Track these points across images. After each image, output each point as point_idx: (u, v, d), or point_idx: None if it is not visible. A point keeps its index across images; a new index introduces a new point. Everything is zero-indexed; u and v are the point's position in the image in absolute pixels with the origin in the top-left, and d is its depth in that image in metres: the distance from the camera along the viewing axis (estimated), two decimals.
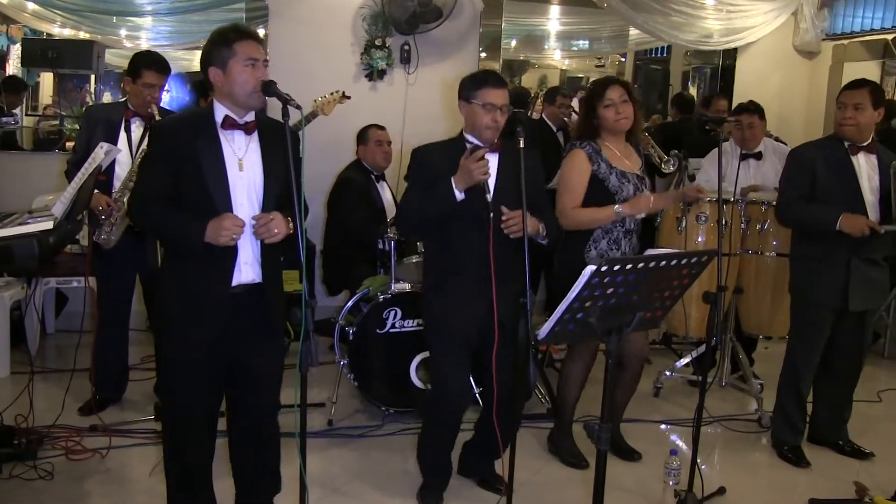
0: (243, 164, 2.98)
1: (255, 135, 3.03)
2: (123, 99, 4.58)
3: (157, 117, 4.24)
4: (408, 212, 3.65)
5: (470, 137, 3.59)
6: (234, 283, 3.01)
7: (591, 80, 9.19)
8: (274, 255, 3.09)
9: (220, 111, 2.98)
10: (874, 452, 4.48)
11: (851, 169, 4.17)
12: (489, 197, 3.44)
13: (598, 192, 3.96)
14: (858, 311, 4.26)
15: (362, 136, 5.64)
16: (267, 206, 3.01)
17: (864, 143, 4.19)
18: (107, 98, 7.47)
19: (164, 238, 3.13)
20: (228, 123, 2.96)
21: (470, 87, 3.56)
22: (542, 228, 3.59)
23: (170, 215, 2.97)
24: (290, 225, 2.95)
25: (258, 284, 3.07)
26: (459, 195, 3.43)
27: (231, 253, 2.97)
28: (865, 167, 4.20)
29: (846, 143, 4.19)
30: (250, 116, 3.02)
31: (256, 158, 3.02)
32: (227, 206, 2.94)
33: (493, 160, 3.54)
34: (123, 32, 7.05)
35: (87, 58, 6.76)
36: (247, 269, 3.03)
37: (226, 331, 3.03)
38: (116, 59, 7.42)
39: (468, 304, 3.57)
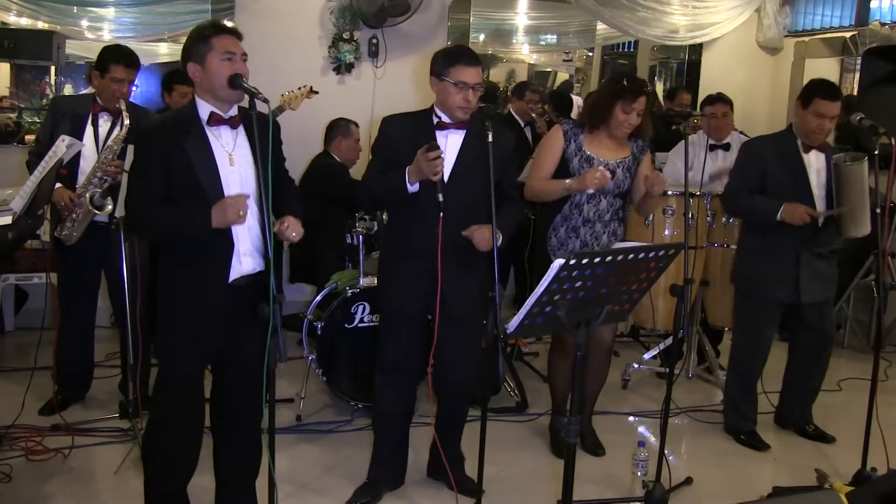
0: (234, 158, 3.01)
1: (241, 128, 3.04)
2: (91, 92, 4.51)
3: (125, 112, 4.19)
4: (365, 191, 3.62)
5: (441, 114, 3.53)
6: (235, 276, 3.04)
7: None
8: (275, 241, 3.07)
9: (205, 108, 3.00)
10: (835, 437, 4.59)
11: (802, 165, 4.26)
12: (440, 197, 3.34)
13: (562, 173, 3.98)
14: (813, 302, 4.35)
15: (344, 129, 5.62)
16: (258, 197, 3.02)
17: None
18: (68, 90, 7.34)
19: (167, 235, 3.11)
20: (215, 119, 2.99)
21: (443, 63, 3.47)
22: (500, 239, 3.43)
23: (171, 211, 2.99)
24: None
25: (260, 273, 3.09)
26: (412, 188, 3.40)
27: (228, 246, 2.99)
28: (815, 164, 4.29)
29: (800, 141, 4.27)
30: (234, 111, 3.03)
31: (245, 152, 3.04)
32: None
33: (458, 138, 3.51)
34: (85, 23, 6.91)
35: (46, 48, 6.64)
36: (247, 261, 3.06)
37: (224, 322, 3.05)
38: (78, 50, 7.30)
39: (411, 287, 3.55)
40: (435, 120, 3.53)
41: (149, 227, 3.23)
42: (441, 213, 3.38)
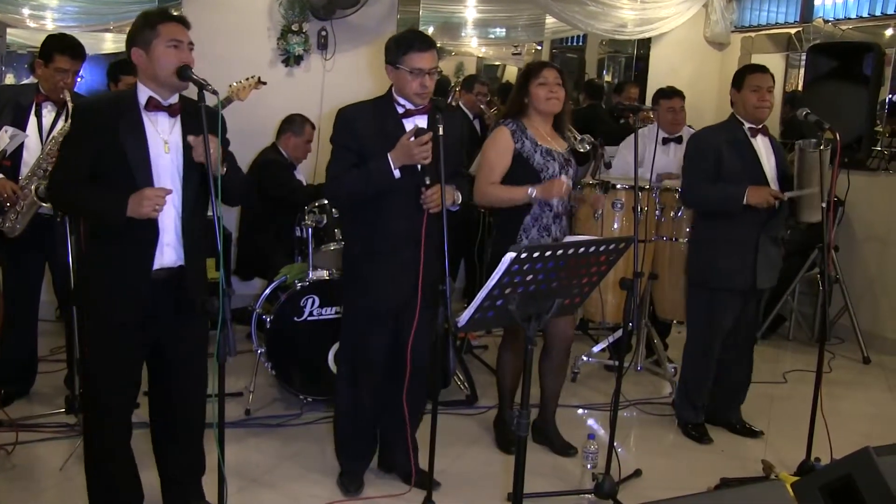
0: (169, 145, 2.99)
1: (179, 117, 3.02)
2: (34, 81, 4.41)
3: (70, 104, 4.10)
4: (339, 186, 3.53)
5: (400, 100, 3.52)
6: (157, 265, 3.00)
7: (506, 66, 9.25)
8: (195, 238, 3.07)
9: (144, 93, 2.97)
10: (763, 431, 4.66)
11: (752, 150, 4.31)
12: (427, 180, 3.38)
13: (523, 171, 3.93)
14: (761, 289, 4.41)
15: (298, 127, 5.59)
16: (186, 189, 3.00)
17: (761, 126, 4.35)
18: (9, 80, 7.18)
19: (85, 216, 3.10)
20: (153, 105, 2.96)
21: (396, 51, 3.45)
22: (458, 197, 3.55)
23: (91, 192, 2.96)
24: None
25: (181, 267, 3.05)
26: (397, 173, 3.39)
27: (152, 233, 2.96)
28: (764, 148, 4.36)
29: (745, 126, 4.32)
30: (174, 98, 3.01)
31: (179, 140, 3.01)
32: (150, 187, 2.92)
33: (422, 123, 3.50)
34: (27, 11, 6.75)
35: None
36: (169, 251, 3.02)
37: (148, 314, 3.01)
38: (20, 39, 7.14)
39: (391, 282, 3.54)
40: (400, 109, 3.52)
41: (67, 205, 3.25)
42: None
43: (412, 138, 3.35)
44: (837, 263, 6.28)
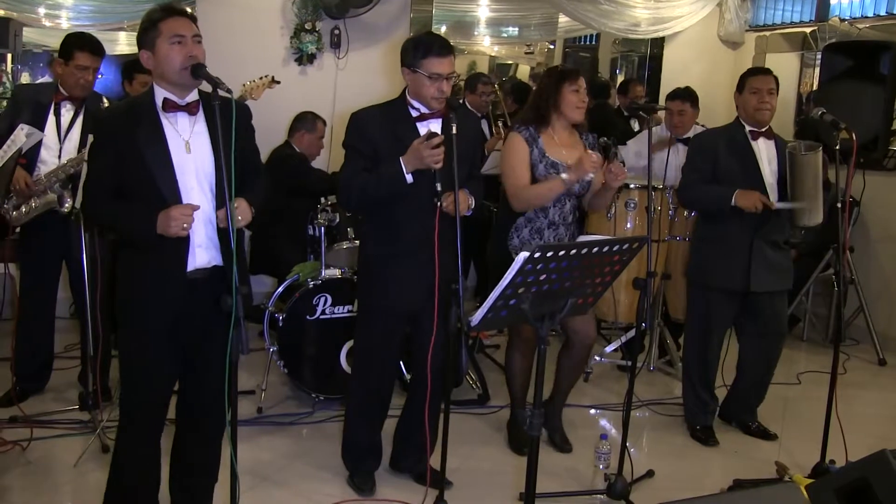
0: (190, 145, 2.92)
1: (201, 114, 2.96)
2: (53, 80, 4.43)
3: (106, 103, 4.12)
4: (350, 189, 3.50)
5: (415, 103, 3.50)
6: (190, 267, 2.94)
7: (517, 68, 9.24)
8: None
9: (160, 94, 2.91)
10: (777, 432, 4.62)
11: (752, 153, 4.30)
12: (438, 186, 3.35)
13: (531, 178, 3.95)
14: (764, 292, 4.35)
15: (310, 124, 5.61)
16: (220, 186, 2.90)
17: (765, 129, 4.33)
18: (25, 78, 7.22)
19: (115, 230, 3.05)
20: (170, 106, 2.89)
21: (413, 54, 3.41)
22: (472, 202, 3.53)
23: (119, 210, 2.93)
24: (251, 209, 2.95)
25: (218, 267, 2.99)
26: (409, 178, 3.37)
27: (181, 239, 2.88)
28: (765, 151, 4.34)
29: (747, 129, 4.31)
30: (193, 96, 2.94)
31: (204, 139, 2.94)
32: (175, 192, 2.87)
33: (437, 127, 3.48)
34: (42, 11, 6.80)
35: (3, 36, 6.55)
36: (201, 253, 2.96)
37: (183, 317, 2.97)
38: (35, 38, 7.17)
39: (408, 283, 3.53)
40: (414, 113, 3.51)
41: (98, 220, 3.21)
42: (438, 202, 3.38)
43: (424, 142, 3.33)
44: (852, 264, 6.24)
